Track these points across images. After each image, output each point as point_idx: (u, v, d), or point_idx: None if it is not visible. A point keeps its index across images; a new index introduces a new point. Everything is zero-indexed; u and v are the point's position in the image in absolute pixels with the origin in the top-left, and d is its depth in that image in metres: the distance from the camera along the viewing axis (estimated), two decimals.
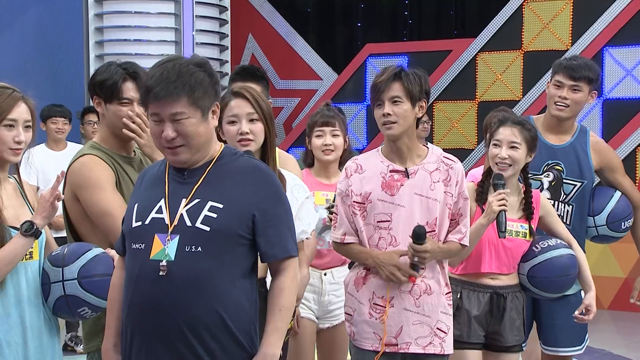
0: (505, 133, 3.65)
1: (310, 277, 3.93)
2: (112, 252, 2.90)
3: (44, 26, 11.33)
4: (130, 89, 3.17)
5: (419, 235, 3.15)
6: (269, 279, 2.63)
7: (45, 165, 6.58)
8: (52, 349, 2.98)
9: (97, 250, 2.94)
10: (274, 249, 2.50)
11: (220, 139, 2.87)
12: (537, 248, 3.72)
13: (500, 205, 3.50)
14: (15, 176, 3.04)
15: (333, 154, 4.04)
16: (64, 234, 6.57)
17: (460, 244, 3.32)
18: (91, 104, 9.89)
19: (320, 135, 4.04)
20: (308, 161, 4.16)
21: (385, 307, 3.26)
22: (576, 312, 3.78)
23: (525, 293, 3.78)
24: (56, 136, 6.69)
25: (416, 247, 3.16)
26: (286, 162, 3.63)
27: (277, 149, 3.75)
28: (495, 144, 3.67)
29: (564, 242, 3.78)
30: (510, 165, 3.64)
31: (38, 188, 6.54)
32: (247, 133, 3.09)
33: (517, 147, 3.64)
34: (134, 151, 3.27)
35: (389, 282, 3.24)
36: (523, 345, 4.17)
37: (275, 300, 2.52)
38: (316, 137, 4.05)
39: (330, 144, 4.02)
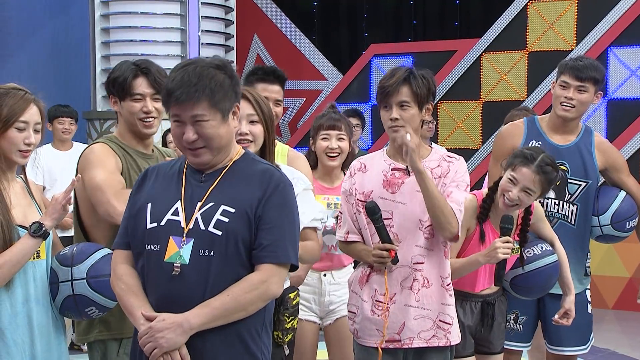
0: (526, 176, 3.52)
1: (310, 277, 3.93)
2: None
3: (54, 27, 11.36)
4: (140, 85, 3.19)
5: (371, 209, 3.18)
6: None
7: (51, 165, 6.60)
8: (59, 348, 3.00)
9: (105, 251, 2.96)
10: (261, 252, 2.48)
11: None
12: (523, 257, 3.71)
13: (505, 254, 3.44)
14: (22, 176, 3.06)
15: (338, 158, 4.01)
16: (69, 233, 6.61)
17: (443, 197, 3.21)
18: (98, 105, 9.92)
19: (326, 138, 4.01)
20: (311, 163, 4.04)
21: (386, 304, 3.28)
22: (556, 316, 3.79)
23: (506, 293, 3.79)
24: (62, 136, 6.72)
25: (379, 227, 3.16)
26: (295, 161, 3.62)
27: (287, 147, 3.76)
28: (510, 180, 3.55)
29: (549, 248, 3.77)
30: (517, 205, 3.56)
31: (44, 188, 6.57)
32: (246, 134, 3.08)
33: (530, 194, 3.54)
34: (153, 149, 3.28)
35: (382, 271, 3.25)
36: (528, 345, 4.19)
37: (233, 286, 2.44)
38: (322, 139, 4.01)
39: (336, 148, 3.99)
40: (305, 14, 11.19)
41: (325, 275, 4.00)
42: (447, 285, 3.32)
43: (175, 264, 2.45)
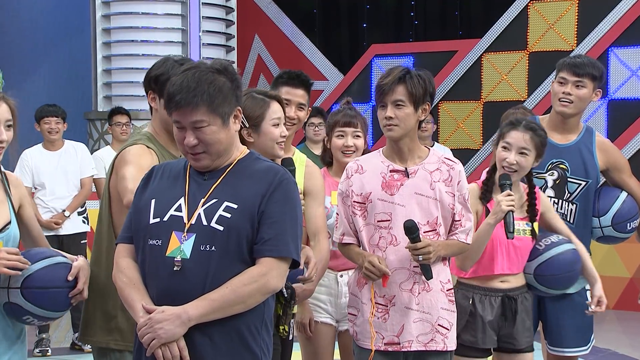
0: (517, 137, 3.62)
1: (325, 277, 3.87)
2: (77, 262, 2.90)
3: (57, 27, 11.37)
4: None
5: (409, 228, 3.16)
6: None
7: (39, 165, 6.58)
8: (7, 353, 2.92)
9: (51, 260, 2.90)
10: (262, 246, 2.49)
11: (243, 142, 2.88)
12: (540, 246, 3.71)
13: (508, 206, 3.50)
14: (2, 171, 3.01)
15: (353, 156, 3.86)
16: (58, 232, 6.53)
17: (463, 243, 3.34)
18: (100, 105, 9.91)
19: (341, 135, 3.91)
20: (326, 160, 4.04)
21: (386, 306, 3.29)
22: (591, 308, 3.75)
23: (532, 292, 3.78)
24: (49, 136, 6.64)
25: (415, 245, 3.17)
26: (312, 174, 3.61)
27: (304, 156, 3.73)
28: (504, 147, 3.64)
29: (565, 238, 3.78)
30: (516, 172, 3.62)
31: (36, 188, 6.57)
32: (285, 136, 3.28)
33: (526, 154, 3.61)
34: (181, 155, 3.27)
35: (372, 282, 3.27)
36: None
37: (234, 279, 2.45)
38: (337, 137, 3.92)
39: (352, 145, 3.89)
40: (306, 14, 11.19)
41: (342, 276, 3.90)
42: (447, 290, 3.33)
43: (176, 259, 2.46)
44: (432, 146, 4.06)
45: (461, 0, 10.39)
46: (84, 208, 6.81)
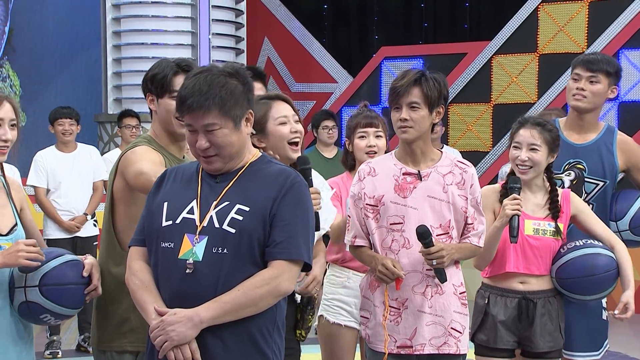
0: (525, 135, 3.64)
1: (351, 280, 3.88)
2: (88, 260, 2.92)
3: (70, 33, 11.39)
4: (180, 83, 3.10)
5: (422, 234, 3.17)
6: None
7: (54, 167, 6.64)
8: (19, 355, 2.94)
9: (64, 258, 2.92)
10: (274, 248, 2.50)
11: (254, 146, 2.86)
12: (564, 249, 3.68)
13: (513, 210, 3.49)
14: (1, 175, 3.03)
15: (376, 157, 3.81)
16: (73, 235, 6.55)
17: (476, 246, 3.34)
18: (109, 108, 9.91)
19: (363, 136, 3.95)
20: (349, 163, 4.03)
21: (399, 309, 3.29)
22: (616, 312, 3.69)
23: (563, 297, 3.74)
24: (64, 138, 6.70)
25: (428, 250, 3.17)
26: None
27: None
28: (515, 146, 3.67)
29: (596, 242, 3.71)
30: (531, 167, 3.63)
31: (48, 190, 6.61)
32: (298, 132, 3.23)
33: (537, 149, 3.62)
34: (184, 155, 3.27)
35: (385, 285, 3.27)
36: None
37: (245, 281, 2.47)
38: (359, 138, 3.95)
39: (374, 145, 3.93)
40: (316, 16, 11.21)
41: None
42: (460, 293, 3.33)
43: (188, 262, 2.48)
44: (441, 148, 4.05)
45: (471, 2, 10.39)
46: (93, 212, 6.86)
